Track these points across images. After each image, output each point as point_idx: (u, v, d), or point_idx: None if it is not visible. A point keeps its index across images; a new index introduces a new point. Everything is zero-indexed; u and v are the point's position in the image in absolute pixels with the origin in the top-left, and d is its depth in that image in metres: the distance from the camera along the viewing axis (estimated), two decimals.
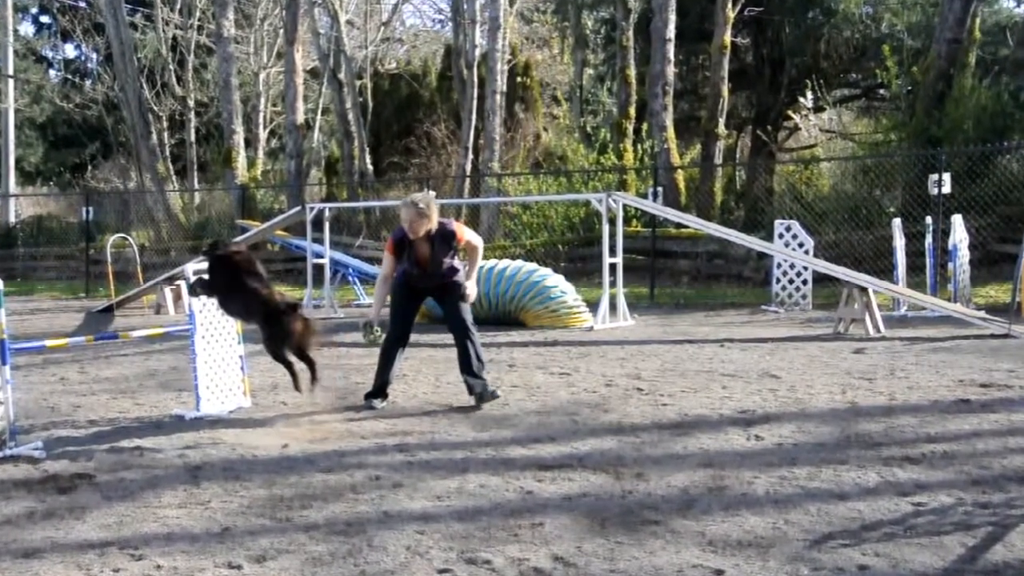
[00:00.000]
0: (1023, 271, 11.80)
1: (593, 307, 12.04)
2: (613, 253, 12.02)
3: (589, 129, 25.00)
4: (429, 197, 6.75)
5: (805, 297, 13.47)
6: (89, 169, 35.21)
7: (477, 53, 22.88)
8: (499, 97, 21.89)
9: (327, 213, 14.51)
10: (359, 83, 26.75)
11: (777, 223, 13.86)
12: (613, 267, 12.00)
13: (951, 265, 12.11)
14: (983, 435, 5.43)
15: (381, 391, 6.72)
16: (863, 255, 14.84)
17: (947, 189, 13.70)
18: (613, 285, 12.00)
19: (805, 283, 13.48)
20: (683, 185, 19.48)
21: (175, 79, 29.64)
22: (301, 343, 6.24)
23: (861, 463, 4.85)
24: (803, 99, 20.26)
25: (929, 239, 12.76)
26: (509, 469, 4.89)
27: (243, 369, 6.69)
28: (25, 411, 6.50)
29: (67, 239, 25.72)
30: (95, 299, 17.59)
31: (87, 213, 21.84)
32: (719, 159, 20.28)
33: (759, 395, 6.77)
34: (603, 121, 26.71)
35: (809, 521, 3.97)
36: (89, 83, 34.70)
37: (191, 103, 30.07)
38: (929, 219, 13.00)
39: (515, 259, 14.29)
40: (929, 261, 12.72)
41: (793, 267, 13.49)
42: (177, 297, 14.53)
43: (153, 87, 29.59)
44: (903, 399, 6.54)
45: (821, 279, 13.49)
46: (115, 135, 33.27)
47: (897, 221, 12.92)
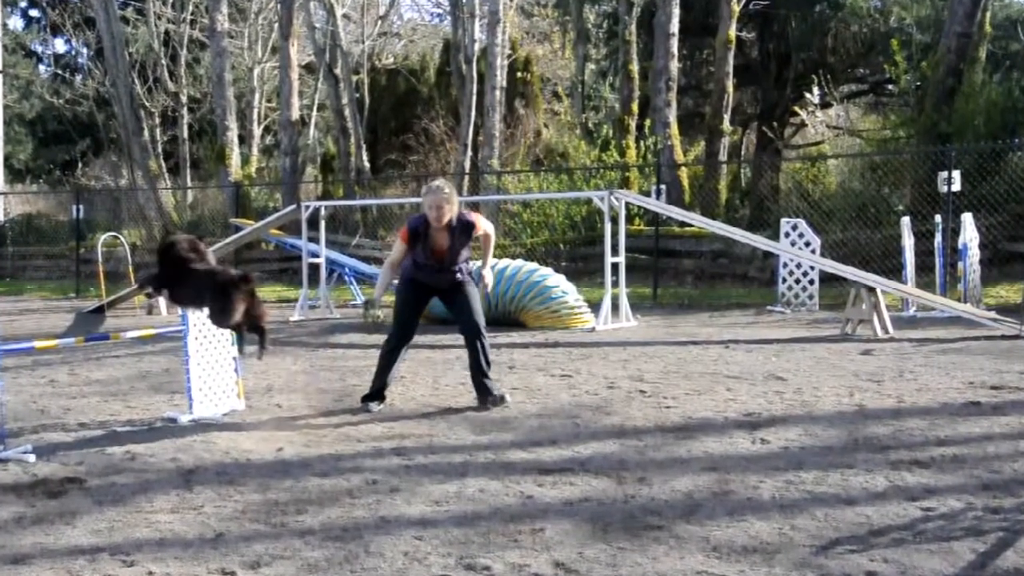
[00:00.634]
0: None
1: (595, 307, 12.04)
2: (615, 252, 12.02)
3: (591, 125, 25.04)
4: (451, 186, 6.64)
5: (812, 297, 13.47)
6: (79, 166, 35.22)
7: (476, 48, 22.89)
8: (499, 93, 21.89)
9: (323, 211, 14.52)
10: (356, 78, 26.76)
11: (783, 221, 13.86)
12: (615, 267, 12.00)
13: (961, 264, 12.11)
14: (994, 438, 5.42)
15: (378, 394, 6.70)
16: (871, 254, 14.84)
17: (957, 187, 13.70)
18: (615, 285, 12.00)
19: (812, 283, 13.48)
20: (687, 183, 19.49)
21: (167, 74, 29.65)
22: (253, 312, 6.17)
23: (869, 467, 4.85)
24: (809, 95, 20.28)
25: (939, 238, 12.76)
26: (509, 473, 4.89)
27: (237, 371, 6.69)
28: (14, 414, 6.50)
29: (57, 238, 25.72)
30: (86, 299, 17.60)
31: (77, 211, 21.84)
32: (724, 156, 20.28)
33: (765, 397, 6.77)
34: (605, 117, 26.72)
35: (816, 526, 3.97)
36: (79, 78, 34.70)
37: (184, 99, 30.06)
38: (939, 217, 13.00)
39: (515, 258, 14.29)
40: (939, 260, 12.72)
41: (799, 267, 13.49)
42: None
43: (145, 83, 29.59)
44: (912, 402, 6.54)
45: (828, 279, 13.49)
46: (106, 131, 33.26)
47: (906, 219, 12.92)
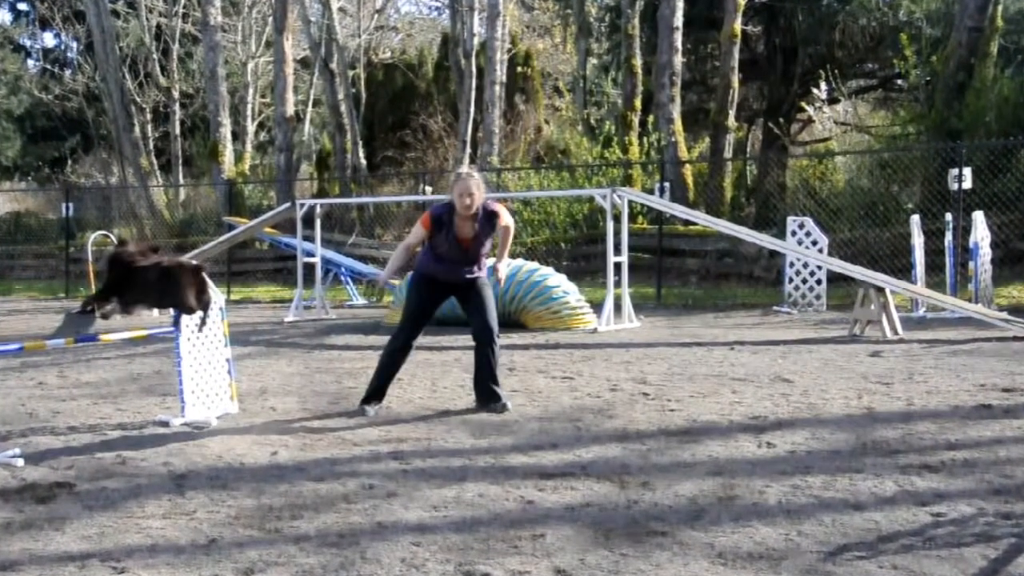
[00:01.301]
0: None
1: (597, 308, 12.04)
2: (618, 251, 12.03)
3: (593, 121, 25.01)
4: (478, 172, 6.56)
5: (819, 298, 13.47)
6: (69, 163, 35.22)
7: (475, 42, 22.89)
8: (498, 88, 21.90)
9: (318, 209, 14.52)
10: (352, 73, 26.77)
11: (790, 220, 13.87)
12: (618, 266, 12.01)
13: (972, 264, 12.11)
14: (1005, 442, 5.42)
15: (376, 396, 6.68)
16: (880, 253, 14.85)
17: (968, 184, 13.70)
18: (618, 285, 12.00)
19: (819, 283, 13.49)
20: (691, 180, 19.50)
21: (159, 69, 29.66)
22: (204, 297, 6.17)
23: (878, 471, 4.85)
24: (817, 90, 20.28)
25: (949, 237, 12.77)
26: (509, 477, 4.89)
27: (230, 373, 6.69)
28: (2, 417, 6.51)
29: (46, 237, 25.75)
30: (75, 299, 17.60)
31: (67, 209, 21.86)
32: (729, 153, 20.29)
33: (771, 400, 6.77)
34: (607, 113, 26.70)
35: (823, 532, 3.97)
36: (69, 73, 34.73)
37: (176, 94, 30.07)
38: (949, 216, 13.00)
39: (515, 258, 14.29)
40: (949, 260, 12.72)
41: (807, 266, 13.50)
42: None
43: (136, 78, 29.62)
44: (921, 404, 6.54)
45: (836, 279, 13.50)
46: (96, 128, 33.30)
47: (915, 218, 12.92)
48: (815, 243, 13.38)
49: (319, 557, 3.79)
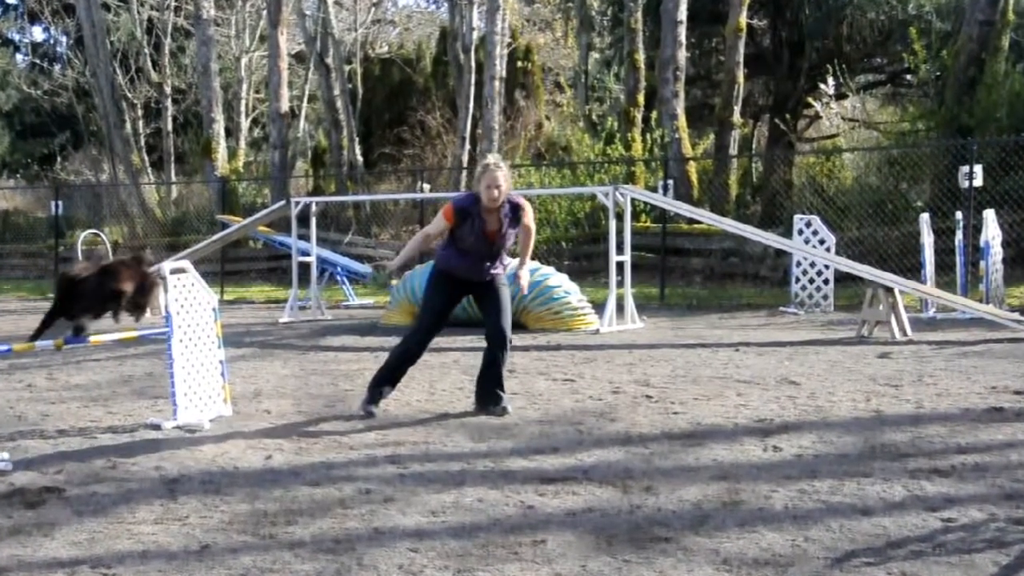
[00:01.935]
0: None
1: (599, 308, 12.04)
2: (620, 250, 12.03)
3: (595, 117, 25.04)
4: (504, 161, 6.49)
5: (826, 298, 13.48)
6: (58, 160, 35.22)
7: (475, 36, 22.92)
8: (498, 83, 21.89)
9: (314, 208, 14.52)
10: (348, 68, 26.78)
11: (796, 218, 13.88)
12: (620, 265, 12.01)
13: (983, 263, 12.11)
14: (1017, 446, 5.43)
15: (381, 396, 6.61)
16: (888, 253, 14.85)
17: (979, 182, 13.71)
18: (620, 285, 12.00)
19: (826, 283, 13.49)
20: (695, 178, 19.49)
21: (151, 64, 29.67)
22: (140, 296, 6.18)
23: (886, 476, 4.85)
24: (824, 85, 20.25)
25: (959, 235, 12.77)
26: (509, 482, 4.89)
27: (224, 375, 6.69)
28: None
29: (35, 235, 25.75)
30: None
31: (56, 208, 21.87)
32: (734, 150, 20.29)
33: (777, 403, 6.77)
34: (610, 109, 26.71)
35: (831, 538, 3.97)
36: (58, 68, 34.73)
37: (168, 90, 30.07)
38: (959, 214, 13.00)
39: (515, 257, 14.29)
40: (959, 259, 12.72)
41: (814, 266, 13.50)
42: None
43: (127, 73, 29.60)
44: (931, 407, 6.55)
45: (843, 278, 13.50)
46: (86, 124, 33.30)
47: (925, 216, 12.93)
48: (822, 242, 13.38)
49: (314, 564, 3.79)
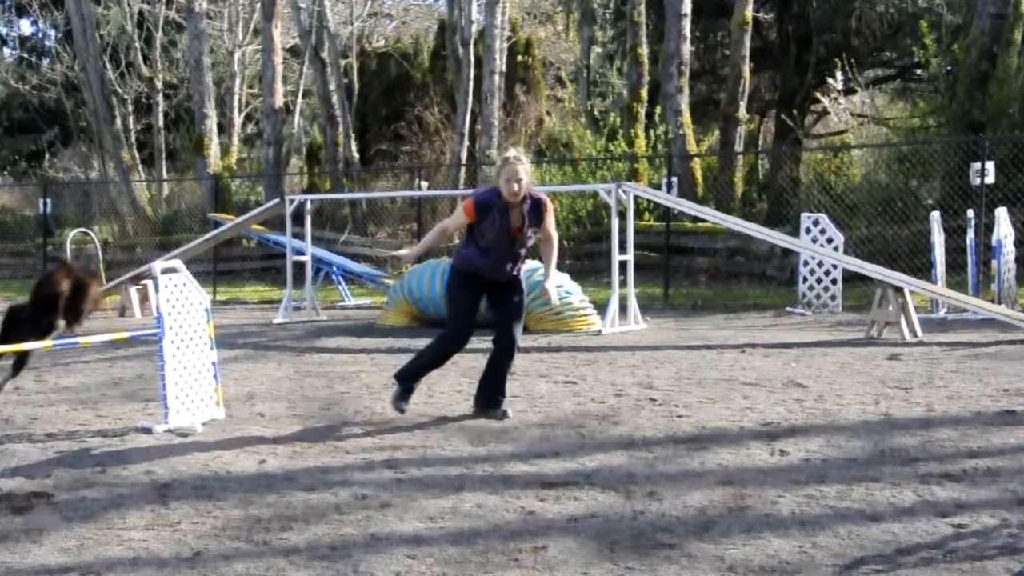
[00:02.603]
0: None
1: (601, 309, 12.04)
2: (623, 250, 12.03)
3: (597, 113, 25.05)
4: (526, 155, 6.43)
5: (834, 298, 13.48)
6: (47, 157, 35.21)
7: (474, 29, 22.91)
8: (498, 78, 21.91)
9: (309, 206, 14.52)
10: (344, 63, 26.77)
11: (804, 217, 13.88)
12: (623, 265, 12.01)
13: (995, 263, 12.11)
14: None
15: (410, 392, 6.57)
16: (898, 252, 14.85)
17: (991, 179, 13.71)
18: (623, 285, 12.01)
19: (834, 283, 13.49)
20: (700, 175, 19.50)
21: (141, 58, 29.65)
22: (76, 302, 6.20)
23: (896, 481, 4.85)
24: (832, 80, 20.26)
25: (971, 234, 12.77)
26: (509, 487, 4.89)
27: (216, 377, 6.69)
28: None
29: (22, 234, 25.75)
30: None
31: (45, 205, 21.87)
32: (740, 146, 20.29)
33: (784, 406, 6.78)
34: (612, 104, 26.73)
35: (839, 544, 3.97)
36: (47, 63, 34.70)
37: (159, 85, 30.08)
38: (971, 212, 13.00)
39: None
40: (971, 258, 12.72)
41: (821, 265, 13.50)
42: (144, 298, 14.55)
43: (117, 67, 29.60)
44: (942, 410, 6.55)
45: (852, 278, 13.50)
46: (75, 120, 33.27)
47: (936, 214, 12.93)
48: (830, 241, 13.38)
49: (309, 571, 3.79)
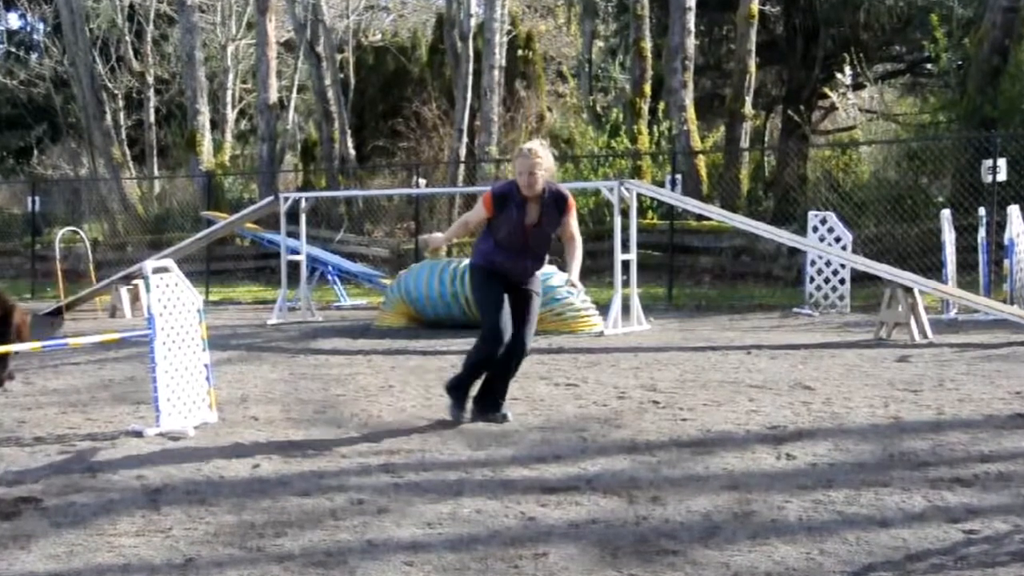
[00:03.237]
0: None
1: (603, 310, 12.05)
2: (626, 249, 12.02)
3: (599, 109, 25.03)
4: (546, 147, 6.32)
5: (843, 298, 13.48)
6: (35, 154, 35.23)
7: (473, 23, 22.91)
8: (497, 73, 21.91)
9: (304, 204, 14.52)
10: (340, 57, 26.78)
11: (811, 215, 13.88)
12: (626, 264, 12.01)
13: (1007, 262, 12.11)
14: None
15: (467, 398, 6.48)
16: (908, 251, 14.85)
17: (1003, 176, 13.71)
18: (626, 285, 12.01)
19: (843, 283, 13.49)
20: (705, 172, 19.51)
21: (132, 52, 29.67)
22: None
23: (905, 486, 4.85)
24: (840, 75, 20.26)
25: (982, 233, 12.77)
26: (509, 492, 4.89)
27: (209, 380, 6.69)
28: None
29: (10, 232, 25.76)
30: (42, 300, 17.61)
31: (33, 203, 21.87)
32: (745, 143, 20.29)
33: (791, 409, 6.77)
34: (615, 100, 26.72)
35: (847, 551, 3.97)
36: (35, 57, 34.74)
37: (150, 80, 30.09)
38: (982, 210, 13.01)
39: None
40: (982, 258, 12.72)
41: (829, 265, 13.51)
42: (135, 298, 14.55)
43: (107, 62, 29.63)
44: (953, 413, 6.55)
45: (860, 278, 13.50)
46: (65, 116, 33.29)
47: (946, 212, 12.93)
48: (838, 240, 13.38)
49: None
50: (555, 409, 6.98)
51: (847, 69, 19.91)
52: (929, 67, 22.99)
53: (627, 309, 11.86)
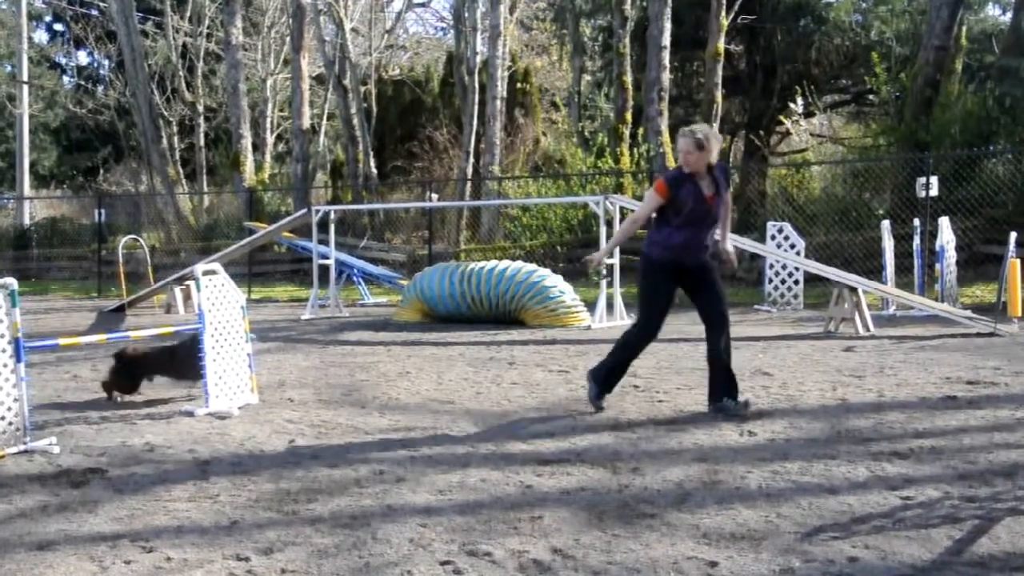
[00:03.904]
0: (1008, 272, 11.80)
1: (591, 306, 12.03)
2: (611, 254, 12.00)
3: (587, 133, 25.01)
4: (709, 131, 5.84)
5: (796, 297, 13.47)
6: (101, 172, 35.24)
7: (478, 60, 22.89)
8: (499, 103, 21.89)
9: (332, 215, 14.51)
10: (363, 89, 26.76)
11: (769, 225, 13.86)
12: (610, 268, 12.00)
13: (938, 266, 12.11)
14: (969, 431, 5.42)
15: (611, 388, 6.24)
16: (853, 256, 14.84)
17: (934, 192, 13.70)
18: (610, 285, 11.99)
19: (797, 283, 13.48)
20: None
21: (185, 85, 29.65)
22: None
23: (851, 458, 4.84)
24: (794, 104, 20.26)
25: (917, 240, 12.76)
26: (509, 464, 4.88)
27: (251, 367, 6.68)
28: (39, 408, 6.50)
29: (80, 240, 25.74)
30: (107, 299, 17.59)
31: (99, 215, 21.86)
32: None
33: (752, 392, 6.76)
34: (600, 126, 26.70)
35: (800, 514, 3.97)
36: (101, 89, 34.71)
37: (200, 108, 30.07)
38: (917, 221, 13.00)
39: (515, 260, 14.29)
40: (917, 262, 12.72)
41: (785, 267, 13.49)
42: (187, 297, 14.53)
43: (163, 93, 29.60)
44: (892, 396, 6.54)
45: (812, 279, 13.49)
46: (126, 139, 33.29)
47: (886, 223, 12.92)
48: (793, 246, 13.37)
49: (333, 537, 3.78)
50: (549, 392, 6.97)
51: (800, 99, 19.90)
52: (871, 97, 23.01)
53: (611, 306, 11.85)
